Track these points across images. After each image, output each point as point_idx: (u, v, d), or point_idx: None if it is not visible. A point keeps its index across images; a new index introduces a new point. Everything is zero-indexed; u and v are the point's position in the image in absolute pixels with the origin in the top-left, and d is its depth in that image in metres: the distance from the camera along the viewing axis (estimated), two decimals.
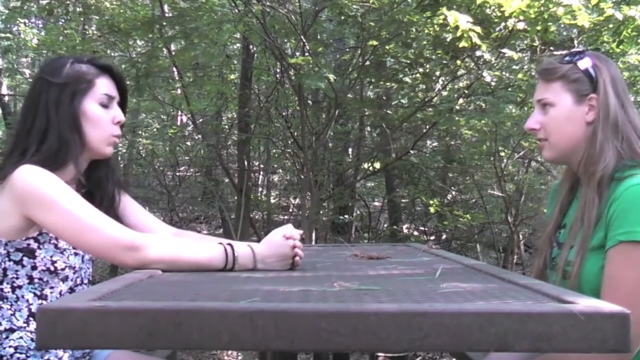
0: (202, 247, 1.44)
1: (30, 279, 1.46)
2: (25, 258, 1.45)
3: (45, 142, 1.48)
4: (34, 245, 1.45)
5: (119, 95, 1.60)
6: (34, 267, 1.46)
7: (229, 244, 1.45)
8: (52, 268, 1.47)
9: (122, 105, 1.62)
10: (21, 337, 1.44)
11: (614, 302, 1.30)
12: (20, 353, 1.43)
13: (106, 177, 1.63)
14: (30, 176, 1.40)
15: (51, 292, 1.49)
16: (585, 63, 1.49)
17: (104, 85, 1.55)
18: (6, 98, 9.18)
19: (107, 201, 1.61)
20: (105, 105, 1.55)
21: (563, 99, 1.49)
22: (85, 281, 1.60)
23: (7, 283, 1.45)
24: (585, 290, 1.38)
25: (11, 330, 1.45)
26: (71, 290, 1.54)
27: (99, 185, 1.62)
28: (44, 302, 1.47)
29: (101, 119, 1.53)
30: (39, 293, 1.47)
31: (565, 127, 1.49)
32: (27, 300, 1.46)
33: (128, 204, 1.69)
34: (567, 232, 1.51)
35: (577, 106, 1.48)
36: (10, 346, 1.43)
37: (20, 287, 1.46)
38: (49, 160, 1.46)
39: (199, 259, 1.41)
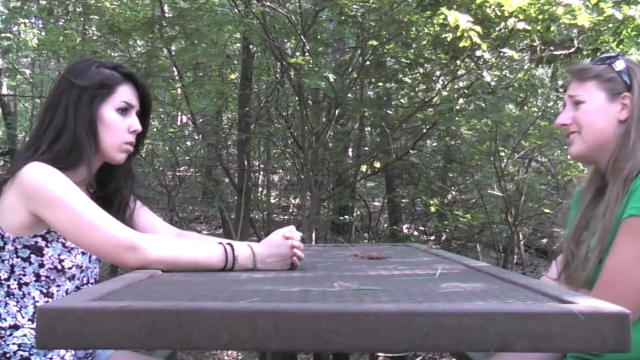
0: (201, 247, 1.44)
1: (37, 276, 1.47)
2: (32, 255, 1.46)
3: (58, 141, 1.49)
4: (42, 243, 1.46)
5: (140, 105, 1.62)
6: (41, 265, 1.47)
7: (229, 244, 1.45)
8: (59, 266, 1.48)
9: (144, 115, 1.64)
10: (25, 335, 1.45)
11: (610, 267, 1.36)
12: (24, 351, 1.44)
13: (125, 185, 1.64)
14: (36, 173, 1.41)
15: (57, 291, 1.49)
16: (619, 65, 1.52)
17: (124, 93, 1.57)
18: (6, 98, 9.18)
19: (122, 208, 1.62)
20: (123, 113, 1.56)
21: (596, 96, 1.52)
22: (92, 281, 1.60)
23: (14, 280, 1.46)
24: None
25: (15, 327, 1.45)
26: (77, 289, 1.54)
27: (117, 191, 1.63)
28: (50, 300, 1.48)
29: (116, 125, 1.55)
30: (45, 291, 1.48)
31: (597, 121, 1.51)
32: (34, 298, 1.47)
33: (137, 207, 1.71)
34: (591, 225, 1.53)
35: (610, 103, 1.51)
36: (13, 343, 1.44)
37: (27, 284, 1.46)
38: (60, 160, 1.47)
39: (199, 259, 1.41)
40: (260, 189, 8.05)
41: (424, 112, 4.96)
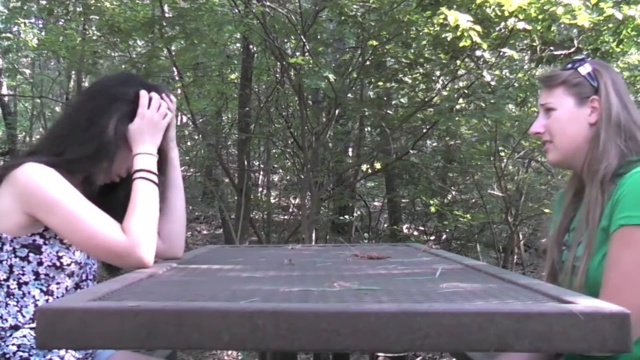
0: (146, 198, 1.50)
1: (37, 275, 1.47)
2: (31, 254, 1.46)
3: (84, 145, 1.50)
4: (40, 241, 1.46)
5: None
6: (40, 263, 1.47)
7: (143, 170, 1.52)
8: (58, 263, 1.48)
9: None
10: (24, 336, 1.45)
11: (611, 283, 1.35)
12: (23, 351, 1.44)
13: (121, 186, 1.62)
14: (33, 175, 1.41)
15: (57, 288, 1.49)
16: (585, 68, 1.53)
17: None
18: (6, 98, 9.18)
19: (120, 205, 1.61)
20: None
21: (565, 102, 1.53)
22: (91, 277, 1.60)
23: (14, 280, 1.46)
24: (592, 284, 1.40)
25: (16, 328, 1.45)
26: (77, 285, 1.54)
27: (112, 204, 1.60)
28: (50, 298, 1.48)
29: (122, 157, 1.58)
30: (45, 289, 1.48)
31: (568, 127, 1.53)
32: (34, 297, 1.47)
33: None
34: (575, 232, 1.53)
35: (579, 108, 1.52)
36: (13, 344, 1.44)
37: (26, 283, 1.46)
38: (74, 165, 1.48)
39: (156, 208, 1.51)
40: (260, 189, 8.05)
41: (424, 112, 4.96)
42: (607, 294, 1.34)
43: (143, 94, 1.58)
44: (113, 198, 1.59)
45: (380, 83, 4.91)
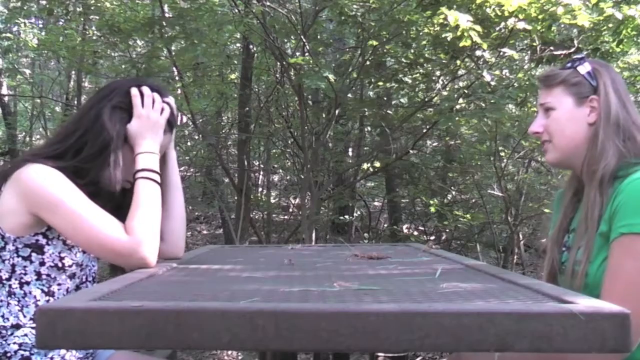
0: (154, 200, 1.50)
1: (38, 275, 1.48)
2: (33, 254, 1.47)
3: (87, 147, 1.52)
4: (43, 241, 1.47)
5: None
6: (42, 263, 1.47)
7: (145, 170, 1.53)
8: (59, 264, 1.49)
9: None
10: (26, 335, 1.45)
11: (614, 292, 1.33)
12: (24, 350, 1.44)
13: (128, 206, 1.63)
14: (37, 175, 1.43)
15: (58, 289, 1.50)
16: (584, 68, 1.52)
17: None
18: (6, 98, 9.18)
19: (125, 206, 1.61)
20: None
21: (564, 102, 1.52)
22: (90, 279, 1.61)
23: (15, 279, 1.47)
24: (592, 287, 1.40)
25: (17, 327, 1.46)
26: (77, 287, 1.55)
27: (118, 207, 1.62)
28: (51, 298, 1.49)
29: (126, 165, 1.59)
30: (46, 289, 1.49)
31: (567, 127, 1.52)
32: (35, 297, 1.48)
33: None
34: (575, 234, 1.53)
35: (578, 108, 1.51)
36: (14, 343, 1.44)
37: (28, 283, 1.47)
38: (80, 168, 1.49)
39: (158, 207, 1.50)
40: (260, 189, 8.05)
41: (424, 112, 4.96)
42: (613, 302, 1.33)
43: (134, 92, 1.57)
44: (120, 202, 1.60)
45: (380, 83, 4.90)
